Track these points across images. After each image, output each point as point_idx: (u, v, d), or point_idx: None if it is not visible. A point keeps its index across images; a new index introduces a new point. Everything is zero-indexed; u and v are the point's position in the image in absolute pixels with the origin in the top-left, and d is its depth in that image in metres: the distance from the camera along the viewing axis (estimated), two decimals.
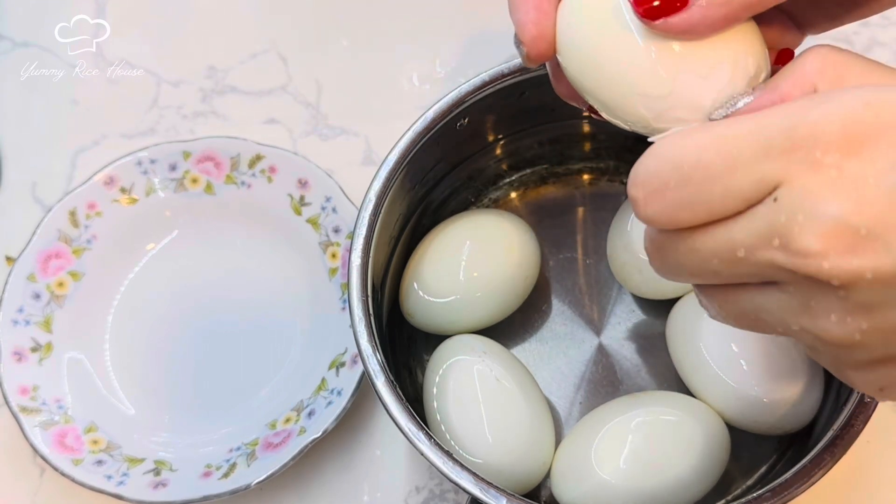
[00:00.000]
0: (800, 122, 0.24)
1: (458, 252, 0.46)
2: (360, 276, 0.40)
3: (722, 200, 0.25)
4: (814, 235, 0.24)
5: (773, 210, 0.24)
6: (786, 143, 0.24)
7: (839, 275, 0.24)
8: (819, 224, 0.23)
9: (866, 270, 0.23)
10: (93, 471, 0.47)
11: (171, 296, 0.53)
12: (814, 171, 0.24)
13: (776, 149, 0.24)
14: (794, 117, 0.24)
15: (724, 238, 0.26)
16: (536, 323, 0.49)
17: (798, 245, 0.24)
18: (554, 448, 0.44)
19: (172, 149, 0.54)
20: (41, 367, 0.50)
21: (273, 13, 0.61)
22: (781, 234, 0.24)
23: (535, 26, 0.30)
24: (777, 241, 0.24)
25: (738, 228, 0.25)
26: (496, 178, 0.51)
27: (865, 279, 0.24)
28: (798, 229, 0.24)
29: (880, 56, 0.57)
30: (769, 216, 0.24)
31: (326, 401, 0.47)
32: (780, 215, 0.24)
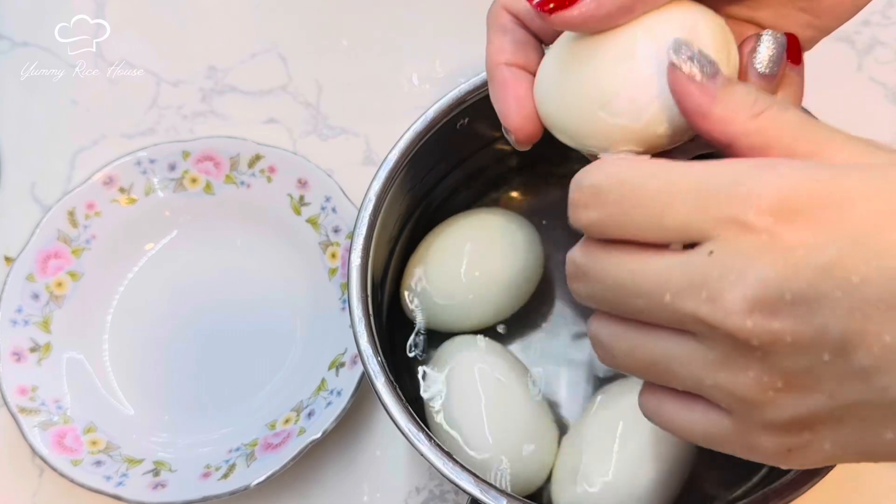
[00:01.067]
0: (739, 181, 0.25)
1: (460, 251, 0.46)
2: (359, 276, 0.40)
3: (653, 231, 0.26)
4: (741, 295, 0.25)
5: (707, 264, 0.25)
6: (726, 195, 0.25)
7: (760, 335, 0.25)
8: (748, 284, 0.24)
9: (786, 334, 0.24)
10: (92, 471, 0.47)
11: (170, 296, 0.53)
12: (748, 231, 0.25)
13: (711, 202, 0.25)
14: (734, 175, 0.25)
15: (652, 277, 0.26)
16: (538, 323, 0.48)
17: (724, 302, 0.25)
18: (556, 449, 0.44)
19: (172, 149, 0.53)
20: (40, 367, 0.50)
21: (273, 13, 0.61)
22: (711, 288, 0.25)
23: (518, 115, 0.33)
24: (705, 293, 0.25)
25: (669, 272, 0.26)
26: (496, 177, 0.51)
27: (785, 342, 0.25)
28: (727, 287, 0.25)
29: (881, 55, 0.57)
30: (702, 269, 0.25)
31: (326, 401, 0.47)
32: (713, 270, 0.25)
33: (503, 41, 0.33)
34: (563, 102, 0.32)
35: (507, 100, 0.33)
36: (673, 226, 0.26)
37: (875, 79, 0.56)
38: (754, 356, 0.25)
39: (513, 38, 0.33)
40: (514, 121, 0.33)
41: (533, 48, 0.34)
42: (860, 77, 0.56)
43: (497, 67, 0.33)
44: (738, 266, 0.25)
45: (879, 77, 0.56)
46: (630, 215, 0.27)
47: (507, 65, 0.33)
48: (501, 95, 0.33)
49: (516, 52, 0.33)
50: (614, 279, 0.28)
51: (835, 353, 0.25)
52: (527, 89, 0.33)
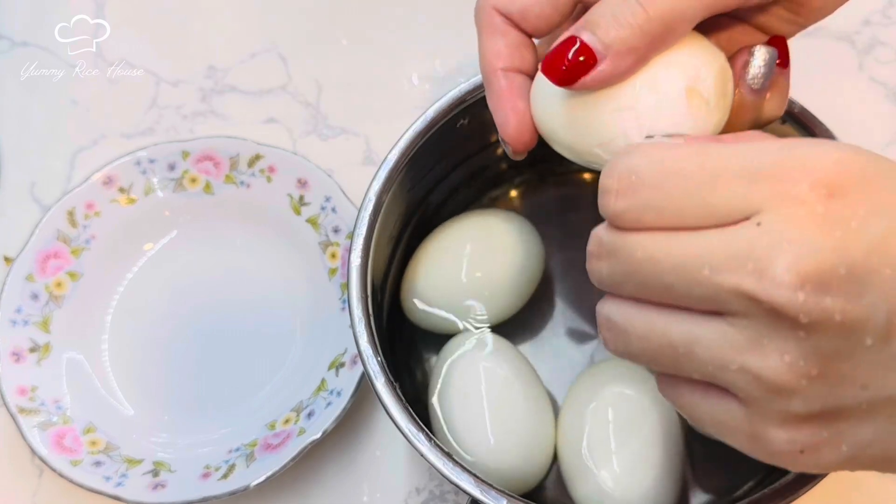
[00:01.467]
0: (791, 156, 0.24)
1: (461, 253, 0.46)
2: (359, 276, 0.40)
3: (694, 212, 0.25)
4: (794, 266, 0.23)
5: (755, 233, 0.24)
6: (774, 170, 0.24)
7: (810, 311, 0.23)
8: (801, 256, 0.23)
9: (836, 312, 0.23)
10: (91, 472, 0.47)
11: (170, 296, 0.53)
12: (800, 204, 0.24)
13: (763, 174, 0.24)
14: (786, 150, 0.25)
15: (691, 252, 0.25)
16: (538, 322, 0.48)
17: (775, 273, 0.23)
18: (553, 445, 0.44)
19: (171, 148, 0.53)
20: (40, 367, 0.50)
21: (273, 13, 0.61)
22: (759, 259, 0.24)
23: (514, 127, 0.33)
24: (752, 265, 0.24)
25: (711, 245, 0.25)
26: (496, 177, 0.51)
27: (833, 321, 0.23)
28: (779, 257, 0.23)
29: (882, 55, 0.57)
30: (750, 240, 0.24)
31: (326, 401, 0.47)
32: (763, 240, 0.24)
33: (498, 45, 0.33)
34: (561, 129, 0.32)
35: (505, 111, 0.33)
36: (719, 205, 0.25)
37: (875, 79, 0.56)
38: (796, 336, 0.24)
39: (507, 42, 0.33)
40: (511, 132, 0.33)
41: (528, 48, 0.34)
42: (860, 77, 0.56)
43: (494, 74, 0.33)
44: (790, 236, 0.23)
45: (879, 77, 0.56)
46: (671, 199, 0.25)
47: (504, 70, 0.33)
48: (499, 106, 0.33)
49: (512, 55, 0.33)
50: (646, 254, 0.26)
51: (878, 338, 0.24)
52: (524, 100, 0.33)
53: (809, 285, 0.23)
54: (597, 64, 0.29)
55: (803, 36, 0.57)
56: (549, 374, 0.47)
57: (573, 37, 0.29)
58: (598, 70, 0.29)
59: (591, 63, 0.29)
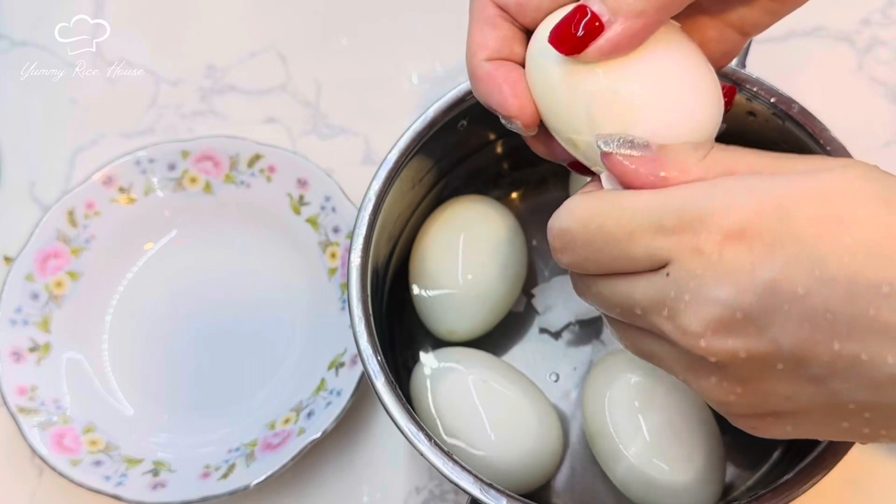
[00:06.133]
0: (688, 207, 0.27)
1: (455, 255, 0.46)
2: (359, 276, 0.40)
3: (620, 263, 0.28)
4: (695, 316, 0.26)
5: (665, 284, 0.27)
6: (676, 224, 0.27)
7: (715, 353, 0.26)
8: (701, 306, 0.26)
9: (740, 350, 0.26)
10: (91, 471, 0.47)
11: (169, 296, 0.53)
12: (698, 254, 0.26)
13: (667, 229, 0.27)
14: (684, 201, 0.27)
15: (624, 294, 0.28)
16: (538, 324, 0.48)
17: (681, 322, 0.27)
18: (562, 445, 0.44)
19: (171, 148, 0.53)
20: (39, 367, 0.50)
21: (273, 12, 0.61)
22: (670, 307, 0.27)
23: (515, 98, 0.32)
24: (666, 311, 0.27)
25: (637, 290, 0.28)
26: (496, 177, 0.51)
27: (739, 358, 0.26)
28: (683, 307, 0.26)
29: (881, 55, 0.57)
30: (662, 288, 0.27)
31: (326, 401, 0.47)
32: (671, 290, 0.27)
33: (486, 36, 0.32)
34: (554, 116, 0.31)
35: (499, 87, 0.32)
36: (637, 258, 0.28)
37: (875, 78, 0.56)
38: (713, 368, 0.27)
39: (498, 34, 0.32)
40: (513, 106, 0.32)
41: (519, 42, 0.33)
42: (860, 77, 0.56)
43: (478, 64, 0.32)
44: (691, 287, 0.26)
45: (879, 77, 0.56)
46: (601, 254, 0.28)
47: (489, 60, 0.32)
48: (491, 87, 0.32)
49: (501, 48, 0.32)
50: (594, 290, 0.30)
51: (788, 364, 0.26)
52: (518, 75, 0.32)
53: (710, 333, 0.26)
54: (605, 31, 0.29)
55: (803, 36, 0.57)
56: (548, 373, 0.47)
57: (581, 6, 0.29)
58: (607, 37, 0.29)
59: (600, 30, 0.29)
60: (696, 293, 0.26)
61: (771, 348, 0.26)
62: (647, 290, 0.27)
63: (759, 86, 0.41)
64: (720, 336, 0.26)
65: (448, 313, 0.46)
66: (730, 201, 0.26)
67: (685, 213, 0.26)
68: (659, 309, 0.27)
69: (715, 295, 0.26)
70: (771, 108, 0.41)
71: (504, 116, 0.32)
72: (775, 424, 0.28)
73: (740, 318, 0.26)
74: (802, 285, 0.25)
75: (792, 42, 0.57)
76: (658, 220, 0.27)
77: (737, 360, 0.26)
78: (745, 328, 0.26)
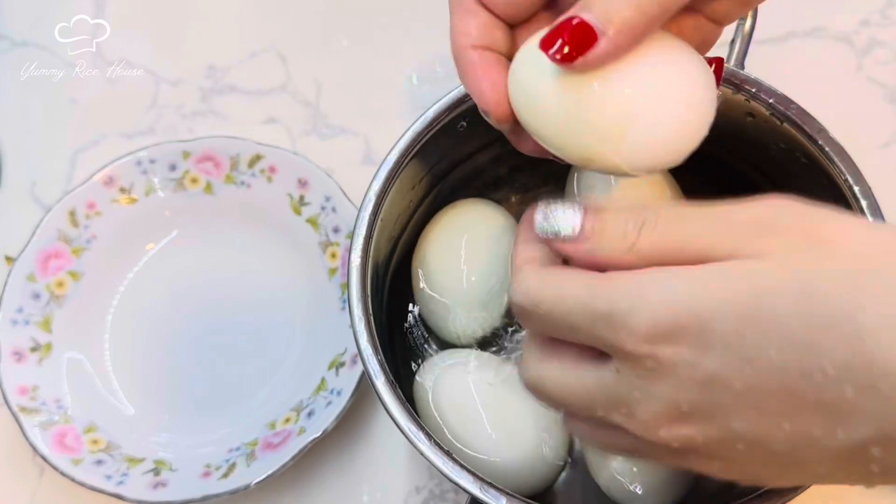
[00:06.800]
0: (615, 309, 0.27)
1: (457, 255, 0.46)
2: (359, 276, 0.40)
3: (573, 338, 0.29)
4: (647, 411, 0.27)
5: (617, 382, 0.28)
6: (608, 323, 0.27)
7: (675, 441, 0.28)
8: (650, 402, 0.27)
9: (696, 436, 0.27)
10: (92, 470, 0.47)
11: (170, 296, 0.53)
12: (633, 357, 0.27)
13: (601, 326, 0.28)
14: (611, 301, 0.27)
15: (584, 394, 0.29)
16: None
17: (639, 418, 0.28)
18: (565, 448, 0.44)
19: (172, 148, 0.53)
20: (41, 367, 0.50)
21: (273, 13, 0.61)
22: (625, 404, 0.28)
23: (493, 93, 0.33)
24: (624, 409, 0.28)
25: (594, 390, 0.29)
26: (497, 179, 0.51)
27: (699, 443, 0.27)
28: (636, 405, 0.28)
29: (880, 55, 0.57)
30: (615, 386, 0.28)
31: (326, 401, 0.47)
32: (622, 389, 0.28)
33: (468, 24, 0.33)
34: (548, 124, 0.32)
35: (480, 82, 0.33)
36: (587, 340, 0.28)
37: (874, 79, 0.56)
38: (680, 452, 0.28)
39: (478, 22, 0.33)
40: (489, 100, 0.33)
41: (499, 29, 0.33)
42: (859, 77, 0.56)
43: (463, 51, 0.33)
44: (638, 386, 0.27)
45: (879, 77, 0.56)
46: (554, 329, 0.29)
47: (474, 48, 0.33)
48: (473, 78, 0.33)
49: (482, 34, 0.33)
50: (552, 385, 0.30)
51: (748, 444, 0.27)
52: (498, 71, 0.33)
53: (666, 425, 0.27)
54: (597, 41, 0.29)
55: (802, 36, 0.58)
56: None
57: (573, 16, 0.29)
58: (599, 47, 0.29)
59: (592, 40, 0.29)
60: (643, 391, 0.27)
61: (726, 433, 0.27)
62: (602, 387, 0.28)
63: (757, 86, 0.41)
64: (674, 427, 0.27)
65: (451, 316, 0.46)
66: (650, 309, 0.27)
67: (614, 314, 0.27)
68: (617, 407, 0.28)
69: (659, 392, 0.27)
70: (769, 108, 0.41)
71: (479, 107, 0.33)
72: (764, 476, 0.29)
73: (687, 410, 0.27)
74: (739, 381, 0.26)
75: (791, 43, 0.57)
76: (592, 318, 0.28)
77: (697, 444, 0.27)
78: (694, 419, 0.27)
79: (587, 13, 0.29)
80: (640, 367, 0.27)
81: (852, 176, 0.39)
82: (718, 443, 0.27)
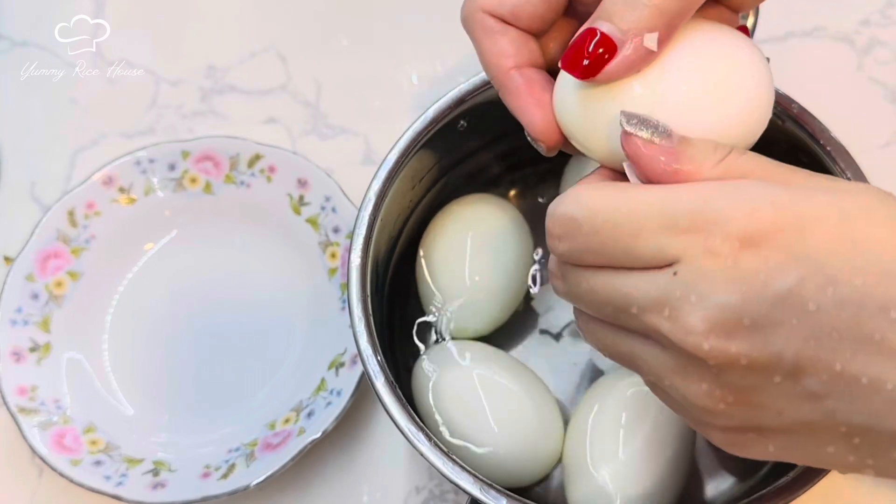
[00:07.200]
0: (705, 207, 0.26)
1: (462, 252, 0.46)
2: (359, 276, 0.40)
3: (624, 257, 0.27)
4: (701, 317, 0.26)
5: (670, 283, 0.26)
6: (689, 224, 0.26)
7: (716, 357, 0.26)
8: (708, 307, 0.26)
9: (742, 357, 0.26)
10: (91, 471, 0.47)
11: (170, 296, 0.53)
12: (711, 256, 0.26)
13: (679, 227, 0.26)
14: (701, 201, 0.26)
15: (621, 291, 0.28)
16: (538, 322, 0.49)
17: (685, 321, 0.26)
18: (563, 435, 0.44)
19: (171, 148, 0.53)
20: (40, 367, 0.50)
21: (273, 12, 0.61)
22: (673, 306, 0.26)
23: (542, 121, 0.32)
24: (668, 311, 0.26)
25: (637, 287, 0.27)
26: (496, 177, 0.51)
27: (739, 364, 0.26)
28: (689, 308, 0.26)
29: (881, 55, 0.57)
30: (666, 287, 0.26)
31: (326, 401, 0.47)
32: (676, 290, 0.26)
33: (500, 44, 0.32)
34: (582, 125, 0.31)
35: (529, 108, 0.32)
36: (644, 254, 0.27)
37: (875, 79, 0.56)
38: (709, 372, 0.26)
39: (509, 39, 0.32)
40: (539, 129, 0.32)
41: (531, 41, 0.33)
42: (860, 77, 0.56)
43: (507, 74, 0.32)
44: (700, 288, 0.26)
45: (879, 77, 0.56)
46: (604, 246, 0.28)
47: (517, 69, 0.32)
48: (521, 104, 0.32)
49: (520, 52, 0.32)
50: (588, 286, 0.29)
51: (786, 377, 0.26)
52: (546, 92, 0.32)
53: (714, 335, 0.26)
54: (617, 52, 0.28)
55: (802, 36, 0.58)
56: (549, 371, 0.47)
57: (590, 28, 0.29)
58: (620, 58, 0.28)
59: (612, 52, 0.28)
60: (705, 294, 0.26)
61: (773, 359, 0.25)
62: (649, 288, 0.27)
63: None
64: (724, 339, 0.26)
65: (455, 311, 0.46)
66: (749, 207, 0.26)
67: (701, 213, 0.26)
68: (659, 308, 0.26)
69: (726, 298, 0.25)
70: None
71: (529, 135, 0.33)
72: (758, 442, 0.28)
73: (747, 324, 0.25)
74: (814, 302, 0.25)
75: (791, 42, 0.57)
76: (671, 218, 0.26)
77: (737, 366, 0.26)
78: (750, 335, 0.25)
79: (603, 23, 0.28)
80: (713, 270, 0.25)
81: (854, 175, 0.39)
82: (759, 369, 0.26)
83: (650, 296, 0.27)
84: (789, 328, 0.25)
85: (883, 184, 0.39)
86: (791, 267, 0.25)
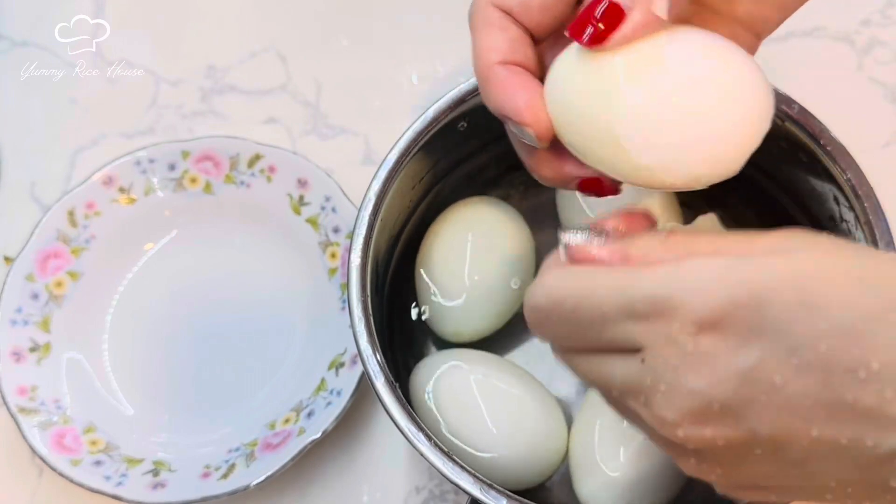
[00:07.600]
0: (658, 293, 0.26)
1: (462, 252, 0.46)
2: (359, 276, 0.40)
3: (598, 342, 0.28)
4: (671, 407, 0.26)
5: (641, 370, 0.26)
6: (648, 309, 0.26)
7: (694, 442, 0.26)
8: (677, 396, 0.26)
9: (717, 439, 0.26)
10: (91, 471, 0.47)
11: (170, 296, 0.53)
12: (672, 344, 0.26)
13: (639, 313, 0.26)
14: (655, 286, 0.26)
15: (603, 373, 0.28)
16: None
17: (657, 412, 0.26)
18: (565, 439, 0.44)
19: (171, 148, 0.53)
20: (40, 367, 0.50)
21: (273, 12, 0.61)
22: (647, 395, 0.26)
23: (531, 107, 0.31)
24: (643, 398, 0.27)
25: (613, 373, 0.27)
26: (497, 177, 0.51)
27: (717, 445, 0.26)
28: (659, 397, 0.26)
29: (881, 55, 0.57)
30: (638, 375, 0.27)
31: (326, 401, 0.47)
32: (646, 377, 0.26)
33: (496, 39, 0.31)
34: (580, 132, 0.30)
35: (514, 97, 0.31)
36: (615, 338, 0.27)
37: (875, 79, 0.56)
38: (693, 454, 0.27)
39: (507, 36, 0.31)
40: (527, 114, 0.31)
41: (529, 45, 0.32)
42: (860, 77, 0.56)
43: (491, 68, 0.31)
44: (666, 377, 0.26)
45: (879, 77, 0.56)
46: (575, 334, 0.28)
47: (503, 64, 0.31)
48: (505, 94, 0.31)
49: (513, 50, 0.31)
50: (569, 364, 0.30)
51: (766, 449, 0.26)
52: (532, 85, 0.31)
53: (687, 423, 0.26)
54: (625, 18, 0.28)
55: (802, 36, 0.57)
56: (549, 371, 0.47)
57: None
58: (628, 23, 0.28)
59: (620, 18, 0.28)
60: (671, 383, 0.26)
61: (749, 436, 0.25)
62: (623, 374, 0.27)
63: None
64: (698, 426, 0.26)
65: (455, 315, 0.46)
66: (703, 290, 0.25)
67: (656, 299, 0.26)
68: (635, 395, 0.27)
69: (691, 386, 0.25)
70: None
71: (517, 124, 0.31)
72: (759, 493, 0.28)
73: (717, 409, 0.25)
74: (779, 374, 0.24)
75: (791, 42, 0.57)
76: (630, 304, 0.26)
77: (715, 447, 0.26)
78: (722, 418, 0.25)
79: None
80: (676, 357, 0.26)
81: (854, 175, 0.39)
82: (737, 447, 0.26)
83: (627, 381, 0.27)
84: (759, 404, 0.25)
85: (883, 184, 0.39)
86: (751, 344, 0.25)
